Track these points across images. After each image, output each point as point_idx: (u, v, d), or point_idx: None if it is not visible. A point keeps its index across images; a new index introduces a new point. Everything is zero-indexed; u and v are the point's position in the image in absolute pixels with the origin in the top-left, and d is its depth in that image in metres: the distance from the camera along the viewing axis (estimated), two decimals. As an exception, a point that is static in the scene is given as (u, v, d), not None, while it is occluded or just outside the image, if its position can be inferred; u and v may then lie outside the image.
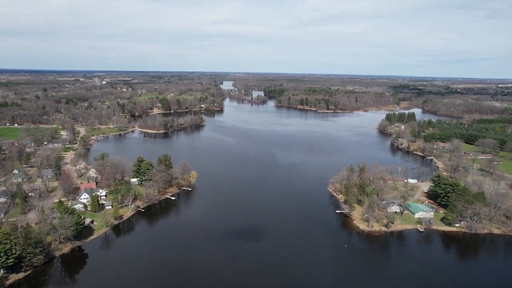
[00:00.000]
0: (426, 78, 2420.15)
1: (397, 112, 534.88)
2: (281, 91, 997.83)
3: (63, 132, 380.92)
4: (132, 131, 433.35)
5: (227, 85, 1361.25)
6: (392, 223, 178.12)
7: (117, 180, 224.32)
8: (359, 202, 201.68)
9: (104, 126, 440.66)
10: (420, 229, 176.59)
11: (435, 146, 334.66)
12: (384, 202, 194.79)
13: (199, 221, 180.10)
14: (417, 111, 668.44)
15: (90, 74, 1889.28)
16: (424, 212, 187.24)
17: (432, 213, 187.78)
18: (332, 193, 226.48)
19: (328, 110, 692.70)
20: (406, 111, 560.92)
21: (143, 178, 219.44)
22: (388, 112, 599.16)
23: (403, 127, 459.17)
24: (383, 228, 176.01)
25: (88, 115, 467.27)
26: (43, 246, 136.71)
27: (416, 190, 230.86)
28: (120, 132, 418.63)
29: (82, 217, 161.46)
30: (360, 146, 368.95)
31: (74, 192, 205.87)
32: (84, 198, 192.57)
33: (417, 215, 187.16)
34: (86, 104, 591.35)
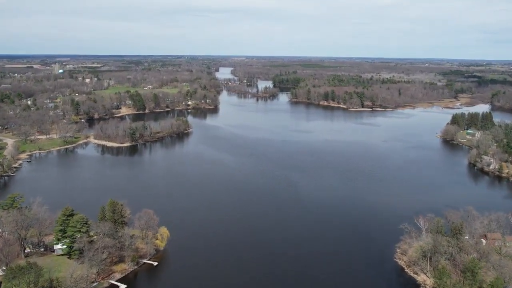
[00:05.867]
0: (480, 62, 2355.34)
1: (466, 112, 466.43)
2: (295, 81, 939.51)
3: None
4: (85, 144, 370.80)
5: (224, 73, 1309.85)
6: None
7: (30, 249, 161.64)
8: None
9: (45, 136, 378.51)
10: None
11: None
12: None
13: None
14: (485, 108, 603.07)
15: (50, 60, 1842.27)
16: None
17: None
18: (405, 269, 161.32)
19: (363, 107, 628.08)
20: (478, 110, 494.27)
21: (72, 246, 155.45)
22: (451, 110, 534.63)
23: (478, 135, 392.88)
24: None
25: (24, 119, 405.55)
26: None
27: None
28: (67, 146, 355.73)
29: None
30: (423, 167, 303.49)
31: None
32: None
33: None
34: (29, 102, 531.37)
